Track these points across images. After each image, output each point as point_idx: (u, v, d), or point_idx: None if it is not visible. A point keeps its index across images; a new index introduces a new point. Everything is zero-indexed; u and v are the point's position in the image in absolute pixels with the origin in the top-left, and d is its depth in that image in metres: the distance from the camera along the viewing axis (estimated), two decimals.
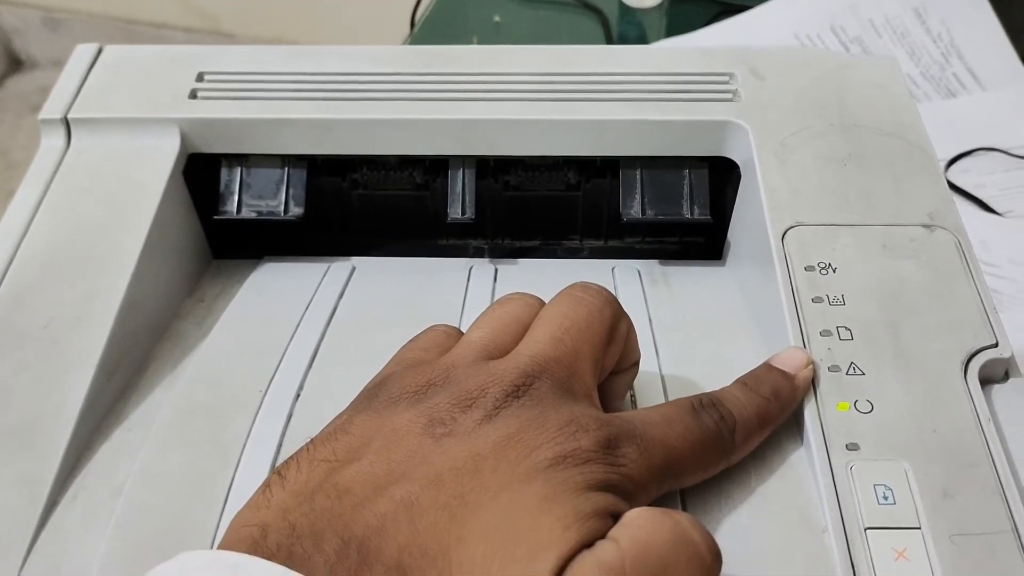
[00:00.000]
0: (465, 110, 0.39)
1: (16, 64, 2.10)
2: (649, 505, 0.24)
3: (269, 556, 0.21)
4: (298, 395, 0.32)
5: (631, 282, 0.39)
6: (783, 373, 0.29)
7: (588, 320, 0.28)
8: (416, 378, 0.26)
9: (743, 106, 0.39)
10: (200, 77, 0.41)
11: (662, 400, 0.32)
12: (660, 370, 0.33)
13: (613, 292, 0.29)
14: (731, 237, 0.40)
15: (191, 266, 0.40)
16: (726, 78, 0.40)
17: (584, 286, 0.29)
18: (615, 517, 0.23)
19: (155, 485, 0.29)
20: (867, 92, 0.40)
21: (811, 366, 0.30)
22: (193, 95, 0.40)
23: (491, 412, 0.24)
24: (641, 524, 0.23)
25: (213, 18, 1.87)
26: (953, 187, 0.70)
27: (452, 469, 0.23)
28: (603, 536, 0.22)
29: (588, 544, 0.22)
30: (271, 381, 0.33)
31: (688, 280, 0.40)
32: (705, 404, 0.28)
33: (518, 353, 0.27)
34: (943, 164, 0.71)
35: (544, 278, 0.41)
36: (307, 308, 0.37)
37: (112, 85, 0.41)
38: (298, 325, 0.36)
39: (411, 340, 0.30)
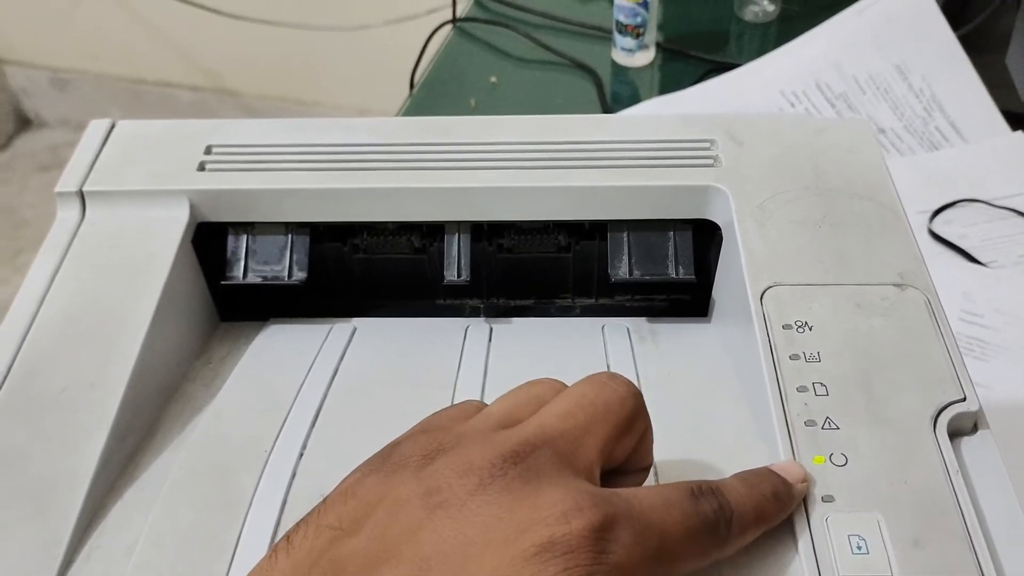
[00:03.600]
0: (460, 178, 0.41)
1: (25, 123, 2.15)
2: None
3: None
4: (301, 454, 0.34)
5: (620, 339, 0.41)
6: (783, 479, 0.29)
7: (607, 404, 0.28)
8: (428, 442, 0.26)
9: (723, 171, 0.41)
10: (208, 150, 0.43)
11: (653, 481, 0.32)
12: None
13: (603, 349, 0.30)
14: (715, 295, 0.42)
15: (199, 329, 0.42)
16: (707, 144, 0.42)
17: (611, 374, 0.29)
18: None
19: (165, 543, 0.31)
20: (840, 156, 0.42)
21: (807, 483, 0.30)
22: (201, 167, 0.42)
23: (486, 480, 0.24)
24: None
25: (217, 76, 1.91)
26: (937, 238, 0.72)
27: (439, 553, 0.23)
28: None
29: None
30: (276, 440, 0.34)
31: (675, 337, 0.41)
32: (704, 491, 0.27)
33: (527, 423, 0.27)
34: (927, 216, 0.73)
35: (537, 336, 0.43)
36: (310, 369, 0.39)
37: (124, 159, 0.43)
38: (301, 386, 0.38)
39: (443, 408, 0.30)
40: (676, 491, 0.27)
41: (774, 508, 0.29)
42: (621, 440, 0.28)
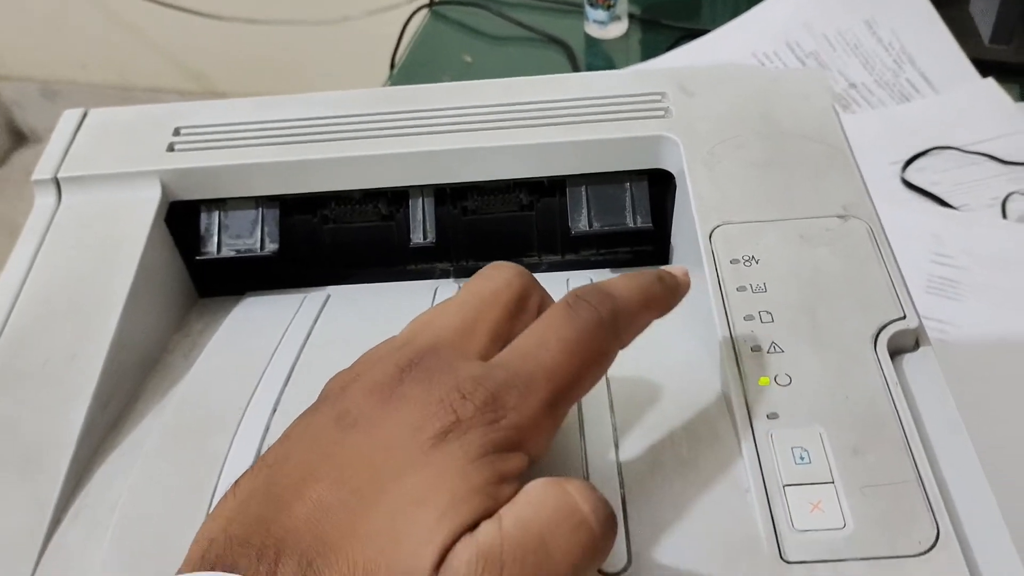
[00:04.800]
0: (421, 143, 0.43)
1: (20, 138, 2.17)
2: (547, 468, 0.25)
3: (210, 568, 0.23)
4: (275, 410, 0.35)
5: None
6: (667, 270, 0.31)
7: (493, 291, 0.29)
8: (347, 375, 0.28)
9: (674, 121, 0.42)
10: (177, 132, 0.45)
11: (607, 406, 0.34)
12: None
13: None
14: (673, 242, 0.43)
15: (178, 305, 0.44)
16: (659, 97, 0.44)
17: (496, 264, 0.30)
18: (516, 476, 0.25)
19: (146, 498, 0.33)
20: (791, 102, 0.43)
21: (688, 277, 0.31)
22: (171, 148, 0.44)
23: (386, 394, 0.25)
24: (528, 499, 0.24)
25: (205, 79, 1.93)
26: (909, 185, 0.73)
27: (351, 463, 0.24)
28: (497, 508, 0.24)
29: (475, 524, 0.23)
30: (250, 399, 0.36)
31: None
32: (580, 295, 0.28)
33: (421, 332, 0.28)
34: (900, 166, 0.75)
35: None
36: (284, 334, 0.40)
37: (97, 145, 0.45)
38: (276, 349, 0.39)
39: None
40: (551, 319, 0.27)
41: (660, 290, 0.30)
42: (517, 319, 0.28)
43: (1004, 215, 0.69)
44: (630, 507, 0.30)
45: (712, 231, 0.37)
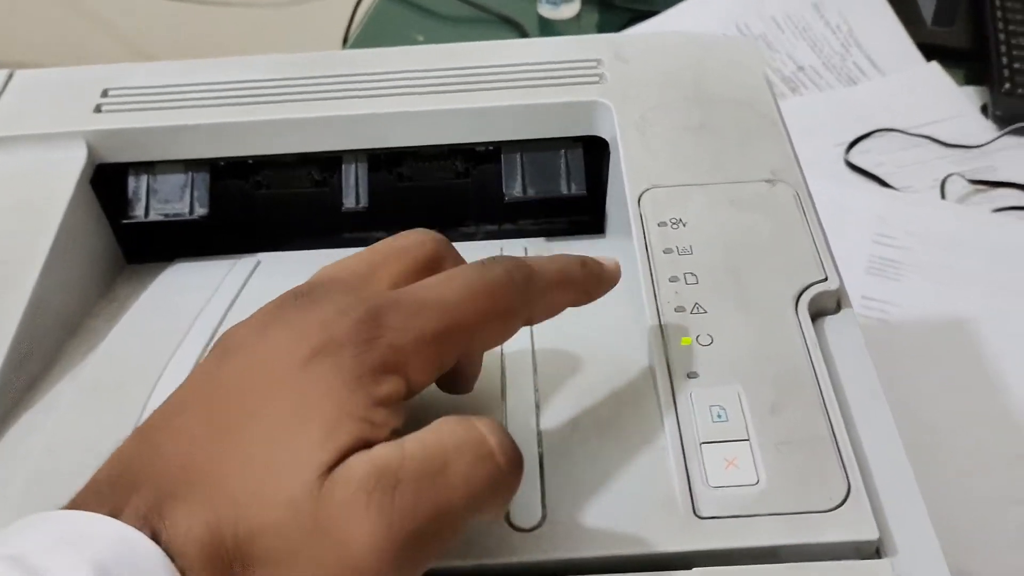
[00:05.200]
0: (355, 106, 0.42)
1: None
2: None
3: (81, 503, 0.22)
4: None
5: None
6: (593, 258, 0.30)
7: (403, 247, 0.28)
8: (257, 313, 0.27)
9: (608, 87, 0.42)
10: (105, 93, 0.44)
11: (530, 370, 0.33)
12: (532, 338, 0.35)
13: None
14: (608, 209, 0.43)
15: (103, 269, 0.43)
16: (594, 63, 0.43)
17: (418, 229, 0.30)
18: (393, 401, 0.24)
19: (59, 452, 0.32)
20: (723, 69, 0.43)
21: (619, 268, 0.31)
22: (98, 109, 0.43)
23: (269, 321, 0.25)
24: (435, 428, 0.23)
25: (156, 59, 1.90)
26: (852, 167, 0.73)
27: (222, 392, 0.24)
28: (375, 435, 0.23)
29: (351, 450, 0.22)
30: (170, 359, 0.35)
31: (570, 251, 0.42)
32: (495, 259, 0.27)
33: (317, 275, 0.28)
34: (845, 147, 0.75)
35: None
36: (211, 298, 0.40)
37: (23, 105, 0.44)
38: (200, 312, 0.38)
39: None
40: (461, 268, 0.27)
41: (580, 273, 0.29)
42: (421, 276, 0.27)
43: (943, 196, 0.69)
44: (547, 465, 0.30)
45: (641, 194, 0.37)
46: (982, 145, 0.74)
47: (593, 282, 0.30)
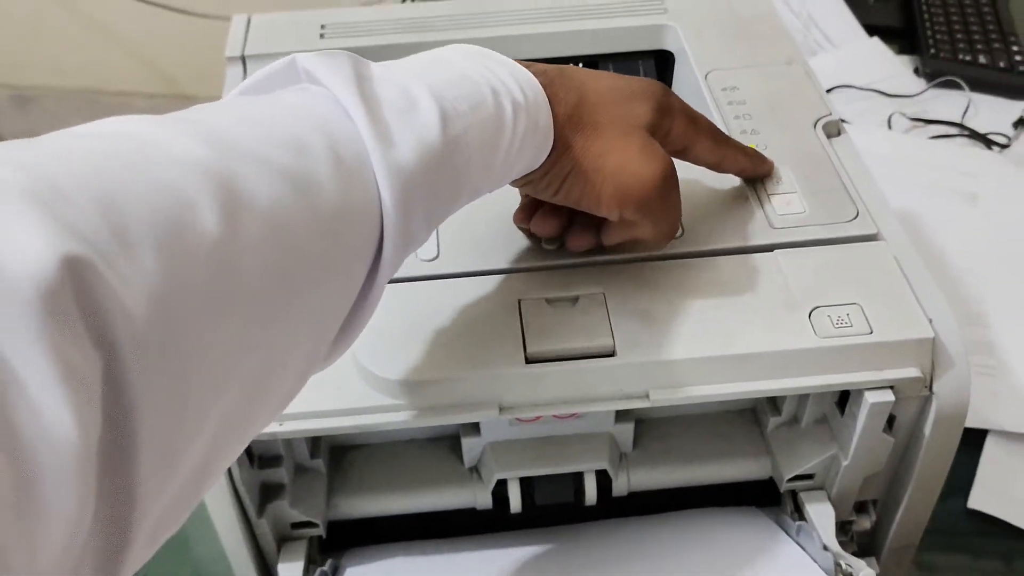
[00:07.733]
0: (495, 31, 0.61)
1: None
2: None
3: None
4: None
5: None
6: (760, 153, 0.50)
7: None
8: None
9: (672, 15, 0.62)
10: (323, 27, 0.62)
11: None
12: None
13: None
14: None
15: None
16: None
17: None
18: None
19: None
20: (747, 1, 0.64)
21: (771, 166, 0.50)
22: (322, 36, 0.61)
23: None
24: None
25: (175, 82, 2.06)
26: None
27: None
28: None
29: None
30: None
31: None
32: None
33: None
34: None
35: None
36: None
37: (268, 35, 0.62)
38: None
39: None
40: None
41: (742, 155, 0.48)
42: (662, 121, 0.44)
43: (890, 127, 0.91)
44: None
45: (707, 74, 0.57)
46: (916, 95, 0.95)
47: (753, 162, 0.49)
